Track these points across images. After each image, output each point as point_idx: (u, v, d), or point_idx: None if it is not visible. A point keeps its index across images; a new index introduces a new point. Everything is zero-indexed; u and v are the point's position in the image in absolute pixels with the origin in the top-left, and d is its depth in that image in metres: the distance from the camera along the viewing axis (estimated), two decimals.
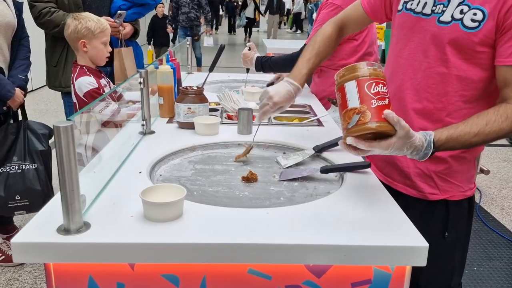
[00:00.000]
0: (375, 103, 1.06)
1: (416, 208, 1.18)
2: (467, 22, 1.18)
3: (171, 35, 9.18)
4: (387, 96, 1.08)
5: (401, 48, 1.33)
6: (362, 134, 1.07)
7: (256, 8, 15.97)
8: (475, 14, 1.17)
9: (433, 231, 1.28)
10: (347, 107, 1.09)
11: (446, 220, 1.32)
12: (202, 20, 8.24)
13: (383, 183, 1.33)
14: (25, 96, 2.39)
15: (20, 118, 2.45)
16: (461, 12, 1.19)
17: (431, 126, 1.24)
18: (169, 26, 8.13)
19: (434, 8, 1.25)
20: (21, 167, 2.23)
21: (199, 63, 8.30)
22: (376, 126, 1.06)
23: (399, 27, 1.35)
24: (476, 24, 1.17)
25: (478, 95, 1.24)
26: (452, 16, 1.21)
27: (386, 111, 1.05)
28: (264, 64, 2.26)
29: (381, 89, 1.08)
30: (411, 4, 1.30)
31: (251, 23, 15.98)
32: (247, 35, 15.92)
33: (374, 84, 1.08)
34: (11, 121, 2.41)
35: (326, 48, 1.50)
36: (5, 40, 2.33)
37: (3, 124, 2.33)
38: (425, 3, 1.26)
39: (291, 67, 1.63)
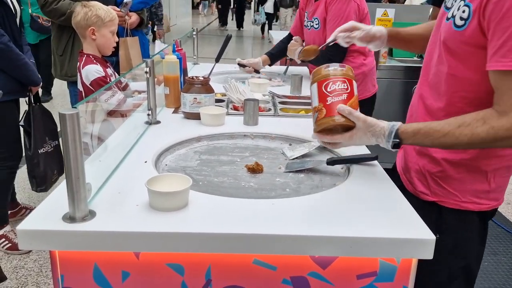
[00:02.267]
0: (330, 100, 1.19)
1: (411, 204, 1.16)
2: (457, 20, 1.09)
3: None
4: (346, 91, 1.18)
5: (429, 42, 1.28)
6: (322, 129, 1.21)
7: (276, 2, 14.05)
8: (464, 11, 1.06)
9: None
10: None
11: (440, 224, 1.24)
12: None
13: (395, 173, 1.33)
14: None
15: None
16: (458, 8, 1.09)
17: None
18: None
19: (454, 2, 1.15)
20: (52, 145, 2.54)
21: None
22: (329, 120, 1.18)
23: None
24: (463, 22, 1.07)
25: (484, 99, 1.10)
26: (452, 13, 1.12)
27: (339, 106, 1.17)
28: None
29: (338, 86, 1.19)
30: None
31: (270, 19, 14.08)
32: (266, 32, 13.89)
33: (331, 83, 1.20)
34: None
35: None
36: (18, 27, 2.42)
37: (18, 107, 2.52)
38: None
39: (318, 64, 1.85)
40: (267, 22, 14.21)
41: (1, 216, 2.55)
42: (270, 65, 2.73)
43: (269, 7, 14.00)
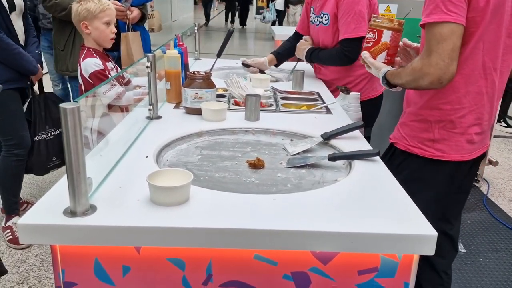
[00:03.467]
0: (364, 46, 1.56)
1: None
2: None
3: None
4: (373, 40, 1.51)
5: None
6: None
7: None
8: None
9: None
10: None
11: (392, 162, 1.50)
12: None
13: None
14: (42, 68, 2.58)
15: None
16: None
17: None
18: None
19: None
20: (52, 133, 2.63)
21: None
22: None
23: None
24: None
25: None
26: None
27: (362, 52, 1.54)
28: (312, 55, 2.35)
29: (369, 35, 1.53)
30: None
31: (280, 17, 12.94)
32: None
33: (367, 32, 1.54)
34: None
35: None
36: (21, 21, 2.43)
37: (26, 97, 2.54)
38: None
39: (331, 62, 2.27)
40: (277, 20, 13.07)
41: (11, 205, 2.58)
42: (276, 65, 2.62)
43: (280, 3, 12.95)
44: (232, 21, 15.61)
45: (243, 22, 15.41)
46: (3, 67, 2.31)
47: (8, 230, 2.53)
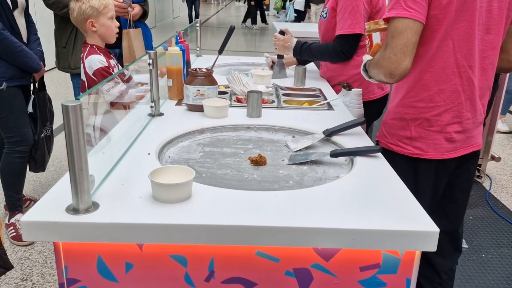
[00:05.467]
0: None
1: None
2: None
3: None
4: (367, 46, 1.63)
5: None
6: None
7: None
8: None
9: None
10: None
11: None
12: None
13: None
14: (44, 66, 2.58)
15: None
16: None
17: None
18: None
19: None
20: (51, 128, 2.66)
21: None
22: None
23: None
24: None
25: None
26: None
27: (363, 56, 1.56)
28: (303, 48, 2.24)
29: (366, 42, 1.64)
30: None
31: (300, 18, 11.83)
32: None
33: (365, 39, 1.67)
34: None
35: None
36: (23, 18, 2.44)
37: (28, 94, 2.56)
38: None
39: (323, 57, 2.20)
40: (296, 21, 11.70)
41: (14, 203, 2.59)
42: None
43: (299, 3, 11.83)
44: (254, 22, 14.05)
45: (254, 21, 14.34)
46: (7, 64, 2.31)
47: (12, 227, 2.54)
